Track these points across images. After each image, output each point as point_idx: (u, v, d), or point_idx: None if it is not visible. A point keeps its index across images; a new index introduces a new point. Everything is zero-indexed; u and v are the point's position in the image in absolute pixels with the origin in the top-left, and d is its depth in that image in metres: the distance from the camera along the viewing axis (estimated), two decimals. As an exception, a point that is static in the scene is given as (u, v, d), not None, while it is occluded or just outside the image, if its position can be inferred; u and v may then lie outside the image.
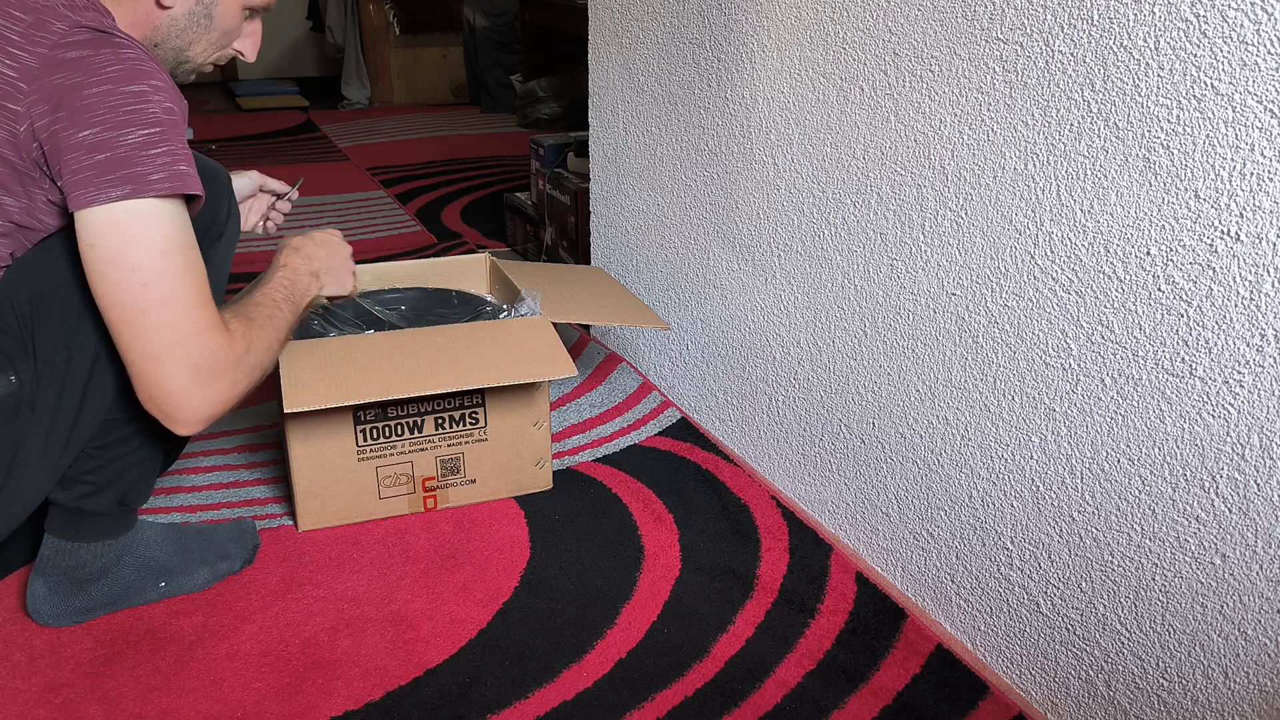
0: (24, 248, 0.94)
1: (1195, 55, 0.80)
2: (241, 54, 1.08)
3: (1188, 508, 0.87)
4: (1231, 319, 0.81)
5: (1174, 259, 0.84)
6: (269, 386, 1.59)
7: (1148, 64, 0.83)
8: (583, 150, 2.16)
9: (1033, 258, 0.97)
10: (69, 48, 0.87)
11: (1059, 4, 0.90)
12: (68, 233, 0.95)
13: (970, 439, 1.09)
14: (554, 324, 1.35)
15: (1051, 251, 0.95)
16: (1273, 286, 0.78)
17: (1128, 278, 0.88)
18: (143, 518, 1.15)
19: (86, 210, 0.85)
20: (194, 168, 0.90)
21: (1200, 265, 0.82)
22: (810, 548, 1.29)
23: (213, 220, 1.05)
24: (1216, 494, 0.85)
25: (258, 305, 1.03)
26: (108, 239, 0.86)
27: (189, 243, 0.90)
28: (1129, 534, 0.93)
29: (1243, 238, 0.79)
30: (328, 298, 1.25)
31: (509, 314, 1.40)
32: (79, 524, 1.07)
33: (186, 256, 0.90)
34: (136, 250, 0.87)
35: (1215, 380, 0.83)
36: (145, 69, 0.88)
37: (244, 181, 1.27)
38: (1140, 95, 0.84)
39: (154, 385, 0.90)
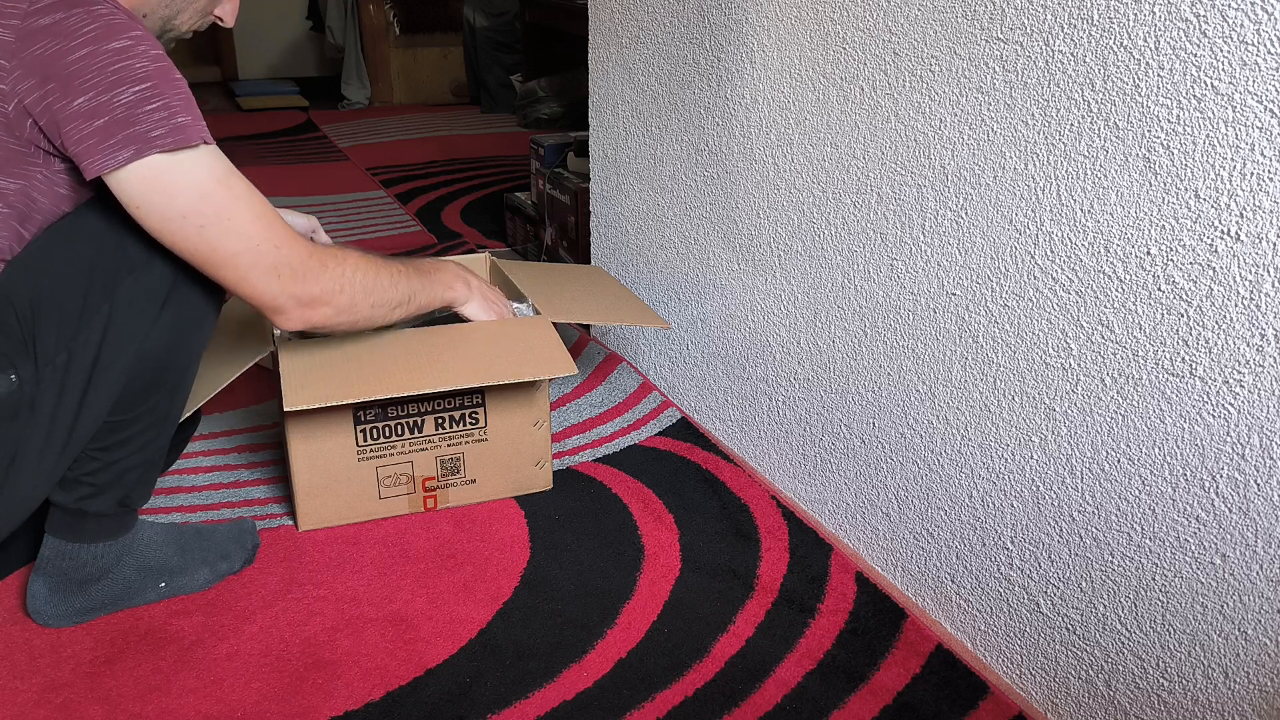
0: (18, 237, 0.94)
1: (1195, 55, 0.80)
2: (221, 19, 1.08)
3: (1188, 508, 0.87)
4: (1231, 319, 0.81)
5: (1174, 259, 0.84)
6: (269, 386, 1.60)
7: (1148, 64, 0.83)
8: (583, 150, 2.16)
9: (1033, 258, 0.97)
10: (39, 14, 0.87)
11: (1059, 4, 0.90)
12: (69, 231, 0.95)
13: (970, 439, 1.09)
14: (554, 324, 1.35)
15: (1051, 251, 0.95)
16: (1273, 286, 0.78)
17: (1128, 278, 0.88)
18: (143, 518, 1.15)
19: (110, 177, 0.88)
20: (193, 114, 0.91)
21: (1200, 265, 0.82)
22: (810, 548, 1.29)
23: None
24: (1216, 494, 0.85)
25: (373, 254, 1.11)
26: (148, 197, 0.90)
27: (226, 174, 0.93)
28: (1129, 534, 0.93)
29: (1243, 238, 0.79)
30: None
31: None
32: (80, 525, 1.07)
33: (230, 187, 0.93)
34: (178, 200, 0.90)
35: (1215, 380, 0.83)
36: (119, 22, 0.89)
37: (300, 221, 1.34)
38: (1140, 95, 0.84)
39: (251, 299, 0.99)
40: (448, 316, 1.34)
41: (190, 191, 0.91)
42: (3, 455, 0.92)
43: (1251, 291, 0.79)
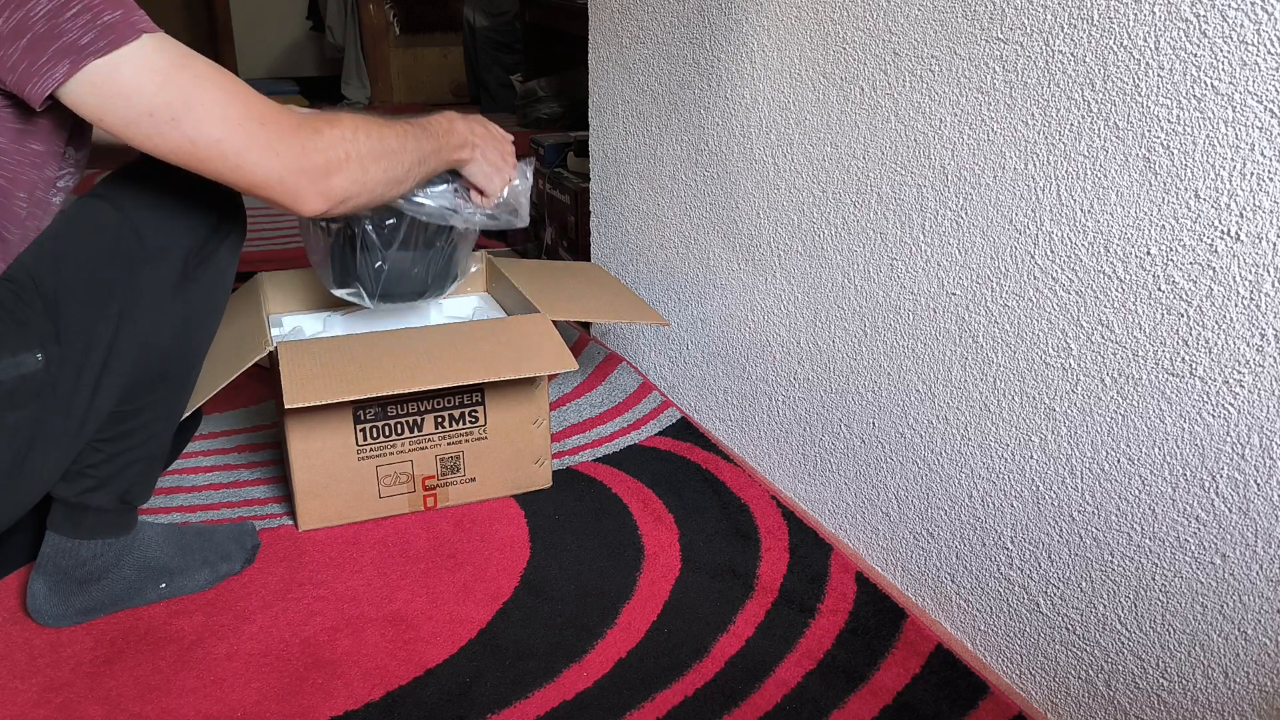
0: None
1: (1195, 55, 0.80)
2: None
3: (1188, 508, 0.87)
4: (1231, 319, 0.81)
5: (1174, 259, 0.84)
6: (269, 386, 1.59)
7: (1148, 64, 0.83)
8: (583, 150, 2.16)
9: (1033, 258, 0.97)
10: None
11: (1059, 4, 0.90)
12: (88, 221, 0.95)
13: (970, 439, 1.09)
14: (553, 322, 1.35)
15: (1051, 251, 0.95)
16: (1273, 286, 0.78)
17: (1128, 278, 0.88)
18: (143, 518, 1.15)
19: (58, 95, 0.82)
20: (123, 7, 0.83)
21: (1200, 265, 0.82)
22: (810, 548, 1.29)
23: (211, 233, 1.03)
24: (1216, 494, 0.85)
25: (377, 118, 1.01)
26: (104, 105, 0.83)
27: (181, 57, 0.85)
28: (1129, 534, 0.93)
29: (1243, 238, 0.79)
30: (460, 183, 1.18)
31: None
32: (80, 520, 1.07)
33: (189, 69, 0.85)
34: (136, 99, 0.83)
35: (1215, 380, 0.83)
36: None
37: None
38: (1140, 95, 0.84)
39: (259, 190, 0.91)
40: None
41: (145, 86, 0.83)
42: (22, 436, 0.93)
43: (1251, 291, 0.79)
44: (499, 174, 1.20)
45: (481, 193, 1.20)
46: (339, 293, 1.29)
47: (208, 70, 0.86)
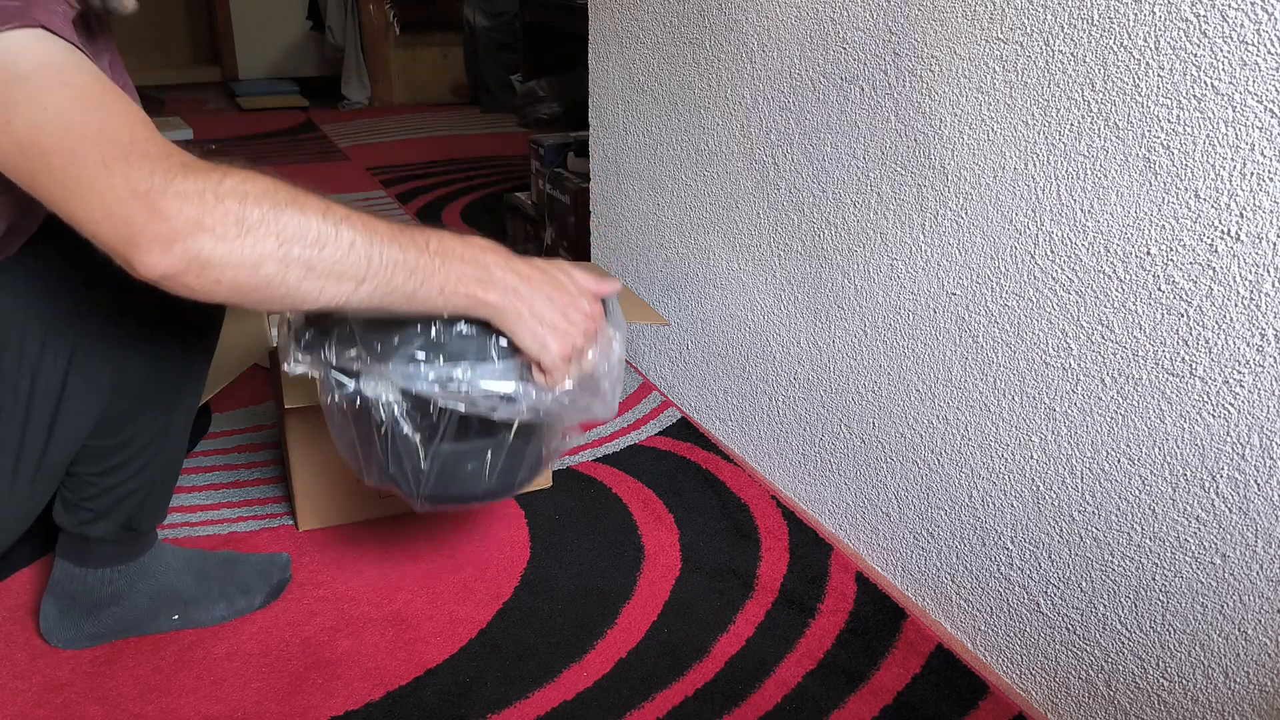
0: None
1: (1195, 55, 0.80)
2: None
3: (1188, 508, 0.87)
4: (1231, 319, 0.81)
5: (1174, 259, 0.84)
6: (269, 386, 1.59)
7: (1148, 64, 0.83)
8: (583, 150, 2.16)
9: (1033, 258, 0.97)
10: None
11: (1059, 4, 0.90)
12: (29, 257, 0.85)
13: (970, 439, 1.09)
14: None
15: (1051, 251, 0.95)
16: (1273, 286, 0.78)
17: (1128, 278, 0.88)
18: (166, 544, 1.12)
19: None
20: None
21: (1200, 265, 0.82)
22: (810, 548, 1.29)
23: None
24: (1216, 494, 0.85)
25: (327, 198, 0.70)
26: None
27: (57, 74, 0.62)
28: (1129, 534, 0.93)
29: (1243, 238, 0.79)
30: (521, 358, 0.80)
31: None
32: (84, 550, 1.04)
33: (65, 90, 0.62)
34: None
35: (1215, 380, 0.83)
36: None
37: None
38: (1140, 95, 0.84)
39: (78, 221, 0.64)
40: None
41: None
42: None
43: (1251, 291, 0.79)
44: (556, 337, 0.79)
45: (541, 367, 0.80)
46: (376, 486, 0.96)
47: (84, 89, 0.64)
